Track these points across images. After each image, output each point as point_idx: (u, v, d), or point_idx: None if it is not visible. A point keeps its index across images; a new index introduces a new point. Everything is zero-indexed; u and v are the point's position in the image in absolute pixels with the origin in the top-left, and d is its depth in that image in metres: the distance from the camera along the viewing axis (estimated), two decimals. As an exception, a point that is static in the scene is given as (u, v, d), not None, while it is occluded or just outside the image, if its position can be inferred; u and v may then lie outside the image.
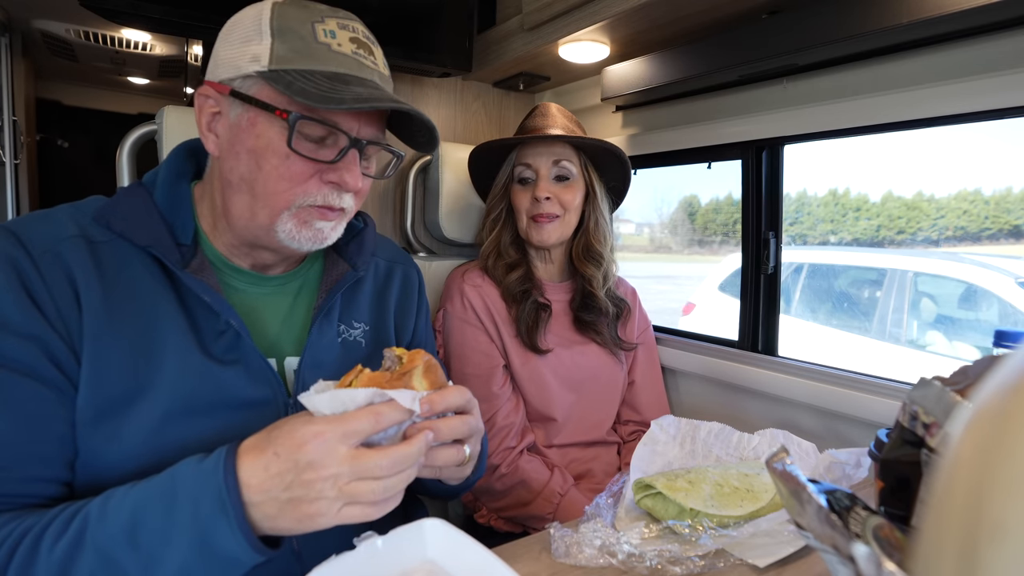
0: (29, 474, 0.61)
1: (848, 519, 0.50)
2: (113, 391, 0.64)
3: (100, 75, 3.72)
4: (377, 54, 0.75)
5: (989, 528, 0.24)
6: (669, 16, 1.18)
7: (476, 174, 1.37)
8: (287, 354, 0.78)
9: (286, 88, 0.65)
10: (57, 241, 0.66)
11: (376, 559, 0.57)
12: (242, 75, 0.69)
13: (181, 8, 1.09)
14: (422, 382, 0.64)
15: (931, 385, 0.52)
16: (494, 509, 1.20)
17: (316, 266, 0.85)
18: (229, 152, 0.71)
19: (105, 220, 0.69)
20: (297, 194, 0.69)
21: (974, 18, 0.88)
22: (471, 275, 1.25)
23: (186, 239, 0.73)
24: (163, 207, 0.73)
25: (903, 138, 1.12)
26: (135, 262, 0.69)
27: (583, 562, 0.68)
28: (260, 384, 0.72)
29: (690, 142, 1.41)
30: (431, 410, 0.62)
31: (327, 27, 0.69)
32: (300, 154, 0.68)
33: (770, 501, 0.81)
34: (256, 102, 0.68)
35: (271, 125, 0.68)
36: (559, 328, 1.27)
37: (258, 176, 0.69)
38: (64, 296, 0.63)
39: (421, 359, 0.65)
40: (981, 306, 2.51)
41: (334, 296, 0.80)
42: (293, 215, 0.70)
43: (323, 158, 0.69)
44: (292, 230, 0.71)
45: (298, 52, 0.67)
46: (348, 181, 0.70)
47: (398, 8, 1.36)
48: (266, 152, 0.68)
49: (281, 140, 0.67)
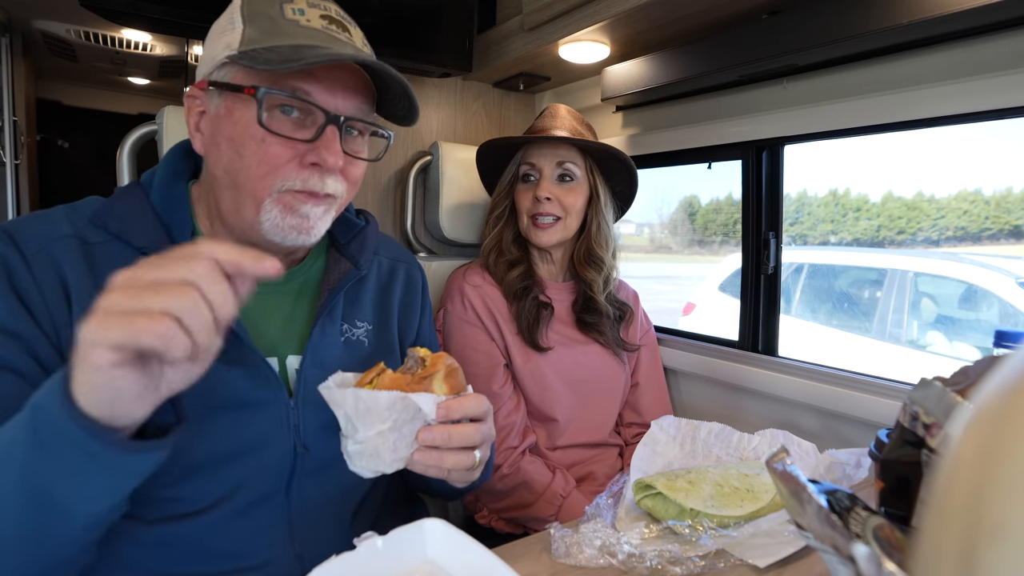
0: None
1: (848, 519, 0.50)
2: None
3: (100, 75, 3.72)
4: (354, 32, 0.72)
5: (989, 529, 0.24)
6: (669, 16, 1.18)
7: (483, 170, 1.37)
8: (289, 353, 0.77)
9: (250, 62, 0.64)
10: (49, 241, 0.65)
11: (376, 559, 0.57)
12: (217, 65, 0.68)
13: (181, 8, 1.09)
14: (442, 386, 0.65)
15: (932, 386, 0.52)
16: (495, 510, 1.20)
17: (317, 264, 0.84)
18: (212, 145, 0.70)
19: (101, 221, 0.69)
20: (276, 178, 0.67)
21: (974, 18, 0.88)
22: (471, 275, 1.25)
23: (183, 239, 0.71)
24: (160, 207, 0.72)
25: (903, 138, 1.12)
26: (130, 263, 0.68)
27: (583, 562, 0.68)
28: (261, 384, 0.71)
29: (690, 142, 1.41)
30: (447, 416, 0.63)
31: (296, 6, 0.68)
32: (273, 132, 0.65)
33: (770, 501, 0.81)
34: (228, 86, 0.67)
35: (245, 108, 0.66)
36: (561, 327, 1.27)
37: (239, 165, 0.67)
38: (54, 295, 0.63)
39: (443, 363, 0.65)
40: (981, 306, 2.51)
41: (336, 295, 0.79)
42: (276, 201, 0.68)
43: (300, 137, 0.67)
44: (277, 218, 0.68)
45: (266, 32, 0.66)
46: (328, 160, 0.67)
47: (398, 8, 1.36)
48: (243, 138, 0.66)
49: (255, 121, 0.65)
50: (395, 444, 0.62)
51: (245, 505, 0.70)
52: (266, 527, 0.72)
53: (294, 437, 0.73)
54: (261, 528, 0.71)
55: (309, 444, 0.74)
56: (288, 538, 0.73)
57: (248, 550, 0.70)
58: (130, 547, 0.66)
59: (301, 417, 0.74)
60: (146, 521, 0.66)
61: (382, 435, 0.61)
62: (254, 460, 0.70)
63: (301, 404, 0.74)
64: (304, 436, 0.74)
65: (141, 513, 0.65)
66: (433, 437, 0.63)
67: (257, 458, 0.71)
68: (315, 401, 0.74)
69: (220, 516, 0.68)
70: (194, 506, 0.68)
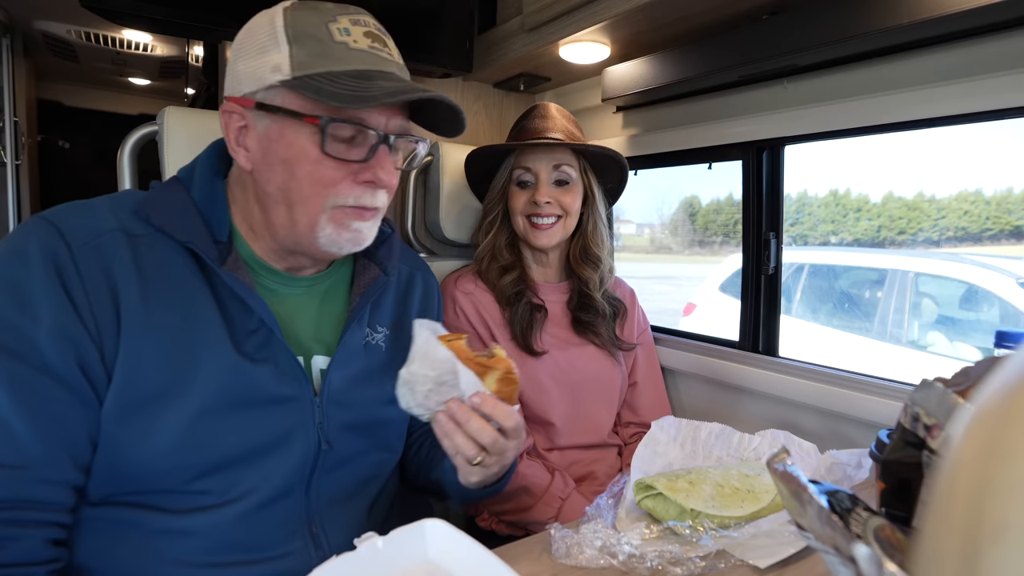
0: (43, 476, 0.62)
1: (849, 520, 0.50)
2: (149, 385, 0.65)
3: (101, 76, 3.73)
4: (390, 44, 0.75)
5: (990, 529, 0.24)
6: (669, 17, 1.18)
7: (472, 176, 1.37)
8: (314, 353, 0.79)
9: (315, 94, 0.65)
10: (98, 234, 0.66)
11: (376, 560, 0.57)
12: (265, 86, 0.69)
13: (182, 9, 1.09)
14: (493, 384, 0.72)
15: (933, 386, 0.52)
16: (496, 513, 1.20)
17: (345, 268, 0.86)
18: (263, 164, 0.71)
19: (145, 214, 0.70)
20: (330, 195, 0.70)
21: (974, 18, 0.88)
22: (463, 282, 1.25)
23: (222, 236, 0.74)
24: (200, 204, 0.73)
25: (904, 138, 1.12)
26: (173, 257, 0.69)
27: (584, 563, 0.68)
28: (288, 381, 0.73)
29: (691, 143, 1.41)
30: (479, 406, 0.70)
31: (340, 25, 0.69)
32: (333, 156, 0.68)
33: (771, 502, 0.81)
34: (284, 111, 0.68)
35: (300, 132, 0.68)
36: (556, 329, 1.27)
37: (292, 185, 0.69)
38: (99, 292, 0.64)
39: (504, 367, 0.72)
40: (982, 307, 2.51)
41: (368, 301, 0.82)
42: (330, 219, 0.71)
43: (353, 158, 0.70)
44: (332, 234, 0.72)
45: (318, 55, 0.67)
46: (383, 178, 0.71)
47: (399, 9, 1.36)
48: (299, 159, 0.68)
49: (312, 145, 0.68)
50: (428, 393, 0.70)
51: (268, 498, 0.71)
52: (287, 520, 0.74)
53: (319, 433, 0.75)
54: (282, 521, 0.73)
55: (332, 441, 0.76)
56: (307, 531, 0.75)
57: (269, 542, 0.72)
58: (156, 537, 0.67)
59: (325, 415, 0.76)
60: (173, 512, 0.67)
61: (424, 379, 0.69)
62: (280, 455, 0.72)
63: (326, 402, 0.76)
64: (328, 433, 0.76)
65: (170, 504, 0.67)
66: (454, 410, 0.70)
67: (283, 453, 0.73)
68: (338, 400, 0.78)
69: (244, 508, 0.70)
70: (221, 498, 0.69)
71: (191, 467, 0.67)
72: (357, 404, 0.79)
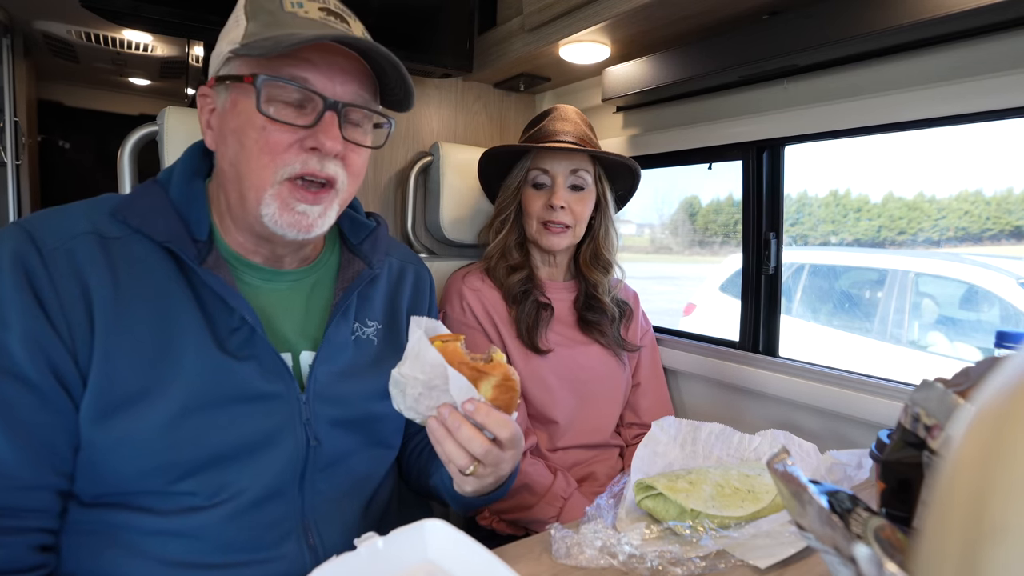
0: (21, 482, 0.61)
1: (849, 520, 0.50)
2: (127, 387, 0.65)
3: (101, 76, 3.72)
4: (353, 24, 0.73)
5: (990, 530, 0.24)
6: (670, 17, 1.18)
7: (485, 174, 1.36)
8: (301, 349, 0.78)
9: (248, 51, 0.66)
10: (69, 238, 0.66)
11: (377, 560, 0.57)
12: (222, 61, 0.71)
13: (182, 9, 1.09)
14: (489, 391, 0.67)
15: (933, 387, 0.52)
16: (496, 511, 1.20)
17: (330, 263, 0.85)
18: (220, 140, 0.72)
19: (122, 216, 0.69)
20: (278, 165, 0.68)
21: (974, 19, 0.88)
22: (471, 278, 1.25)
23: (201, 235, 0.73)
24: (178, 204, 0.73)
25: (904, 139, 1.12)
26: (149, 259, 0.69)
27: (584, 563, 0.68)
28: (273, 378, 0.72)
29: (691, 143, 1.41)
30: (472, 414, 0.65)
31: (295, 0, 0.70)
32: (272, 118, 0.67)
33: (771, 502, 0.81)
34: (231, 77, 0.69)
35: (247, 99, 0.68)
36: (562, 328, 1.27)
37: (242, 155, 0.69)
38: (71, 295, 0.63)
39: (501, 374, 0.67)
40: (982, 307, 2.50)
41: (351, 294, 0.81)
42: (276, 195, 0.69)
43: (300, 123, 0.68)
44: (275, 214, 0.70)
45: (266, 24, 0.68)
46: (326, 143, 0.68)
47: (399, 9, 1.36)
48: (246, 128, 0.68)
49: (256, 110, 0.67)
50: (418, 397, 0.67)
51: (260, 498, 0.71)
52: (280, 520, 0.73)
53: (306, 431, 0.74)
54: (276, 521, 0.73)
55: (321, 438, 0.75)
56: (302, 531, 0.75)
57: (263, 543, 0.72)
58: (146, 538, 0.67)
59: (312, 411, 0.75)
60: (161, 513, 0.67)
61: (415, 382, 0.66)
62: (268, 453, 0.72)
63: (312, 398, 0.75)
64: (316, 430, 0.75)
65: (156, 505, 0.67)
66: (445, 416, 0.66)
67: (271, 451, 0.72)
68: (325, 395, 0.76)
69: (236, 508, 0.69)
70: (210, 499, 0.69)
71: (174, 467, 0.66)
72: (345, 399, 0.78)
